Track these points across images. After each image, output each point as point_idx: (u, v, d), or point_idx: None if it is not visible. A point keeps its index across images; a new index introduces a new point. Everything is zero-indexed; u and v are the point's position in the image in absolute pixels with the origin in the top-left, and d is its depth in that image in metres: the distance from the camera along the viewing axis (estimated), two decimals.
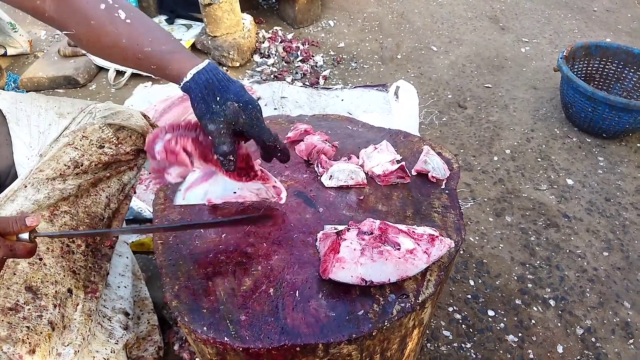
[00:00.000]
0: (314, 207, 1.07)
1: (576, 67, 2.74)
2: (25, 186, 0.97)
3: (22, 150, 1.07)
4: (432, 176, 1.14)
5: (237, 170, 0.92)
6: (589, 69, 2.78)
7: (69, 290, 0.96)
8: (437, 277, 0.93)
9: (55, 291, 0.93)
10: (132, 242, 1.73)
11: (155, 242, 1.00)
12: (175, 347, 1.47)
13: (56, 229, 0.98)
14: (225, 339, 0.81)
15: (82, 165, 1.05)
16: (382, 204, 1.08)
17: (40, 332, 0.87)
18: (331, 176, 1.12)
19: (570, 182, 2.26)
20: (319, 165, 1.16)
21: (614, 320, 1.67)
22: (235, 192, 1.04)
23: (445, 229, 1.03)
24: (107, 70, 2.96)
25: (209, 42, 3.08)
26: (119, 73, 2.94)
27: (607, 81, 2.78)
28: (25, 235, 0.81)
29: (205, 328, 0.82)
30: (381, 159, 1.15)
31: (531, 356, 1.55)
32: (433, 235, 0.91)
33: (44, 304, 0.90)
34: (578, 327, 1.64)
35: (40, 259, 0.94)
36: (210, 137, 0.87)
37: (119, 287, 1.26)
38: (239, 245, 0.98)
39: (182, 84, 0.86)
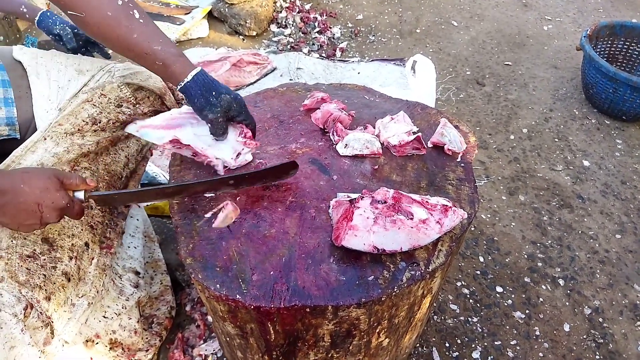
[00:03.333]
0: (328, 174, 1.07)
1: (599, 47, 2.67)
2: (45, 139, 0.99)
3: (41, 103, 1.09)
4: (448, 149, 1.14)
5: None
6: (613, 49, 2.71)
7: (86, 244, 0.99)
8: (449, 248, 0.93)
9: (72, 244, 0.95)
10: (147, 205, 1.76)
11: (171, 202, 1.01)
12: (187, 308, 1.50)
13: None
14: (238, 296, 0.82)
15: (99, 122, 1.07)
16: (396, 174, 1.08)
17: (54, 282, 0.90)
18: (346, 145, 1.12)
19: (586, 163, 2.24)
20: (335, 134, 1.16)
21: (623, 301, 1.67)
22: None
23: (459, 201, 1.03)
24: None
25: (226, 9, 3.05)
26: None
27: (631, 62, 2.71)
28: (80, 195, 0.85)
29: (218, 285, 0.84)
30: (397, 130, 1.14)
31: (537, 333, 1.56)
32: (446, 205, 0.91)
33: (59, 255, 0.93)
34: (586, 307, 1.65)
35: None
36: (209, 125, 1.03)
37: (129, 247, 1.28)
38: (253, 208, 0.99)
39: (183, 82, 0.99)
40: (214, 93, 1.01)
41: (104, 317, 1.09)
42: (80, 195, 0.84)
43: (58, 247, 0.93)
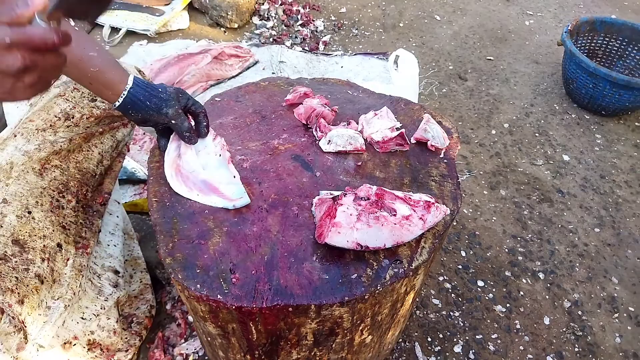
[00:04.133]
0: (311, 171, 1.06)
1: (580, 42, 2.70)
2: (15, 135, 0.96)
3: None
4: (432, 145, 1.13)
5: None
6: (593, 44, 2.74)
7: (59, 245, 0.96)
8: (431, 245, 0.93)
9: (44, 245, 0.92)
10: (126, 202, 1.72)
11: (150, 200, 0.99)
12: (168, 307, 1.48)
13: (45, 183, 0.97)
14: (218, 296, 0.81)
15: (72, 118, 1.03)
16: (379, 171, 1.08)
17: (27, 285, 0.87)
18: (329, 141, 1.11)
19: (566, 158, 2.26)
20: (318, 129, 1.14)
21: (601, 294, 1.70)
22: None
23: (442, 197, 1.03)
24: (102, 26, 2.89)
25: (207, 1, 3.00)
26: (114, 30, 2.87)
27: (610, 58, 2.75)
28: (37, 21, 0.63)
29: (198, 285, 0.82)
30: (381, 126, 1.13)
31: (518, 326, 1.58)
32: (429, 202, 0.91)
33: (31, 257, 0.90)
34: (565, 300, 1.67)
35: (29, 212, 0.93)
36: (172, 121, 0.99)
37: (108, 245, 1.25)
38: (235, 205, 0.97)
39: (127, 89, 0.94)
40: (159, 90, 0.98)
41: (82, 318, 1.07)
42: (37, 21, 0.63)
43: (29, 249, 0.90)
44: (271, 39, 2.94)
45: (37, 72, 0.60)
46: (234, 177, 0.98)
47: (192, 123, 1.04)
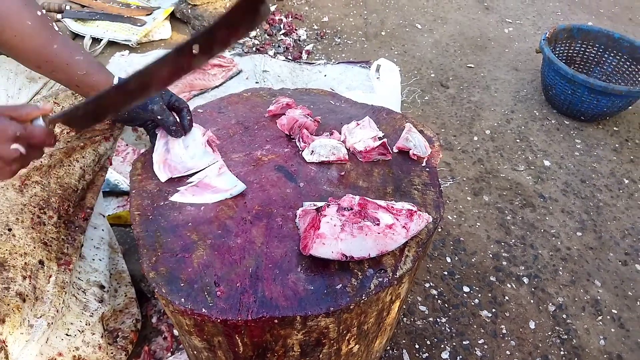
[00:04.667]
0: (294, 181, 1.06)
1: (558, 49, 2.75)
2: None
3: None
4: (414, 154, 1.14)
5: None
6: (571, 51, 2.80)
7: (40, 262, 0.94)
8: (415, 253, 0.93)
9: (25, 262, 0.91)
10: (109, 215, 1.71)
11: (132, 213, 0.98)
12: (154, 320, 1.46)
13: (26, 200, 0.96)
14: (203, 310, 0.80)
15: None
16: (362, 180, 1.08)
17: (8, 304, 0.86)
18: (312, 151, 1.11)
19: (547, 163, 2.30)
20: (301, 140, 1.15)
21: (585, 297, 1.72)
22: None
23: (424, 206, 1.04)
24: (83, 37, 2.87)
25: (189, 11, 3.00)
26: (95, 41, 2.85)
27: (588, 64, 2.81)
28: (39, 122, 0.77)
29: (182, 299, 0.82)
30: (363, 135, 1.14)
31: (504, 331, 1.59)
32: (411, 210, 0.91)
33: (12, 275, 0.88)
34: (550, 304, 1.69)
35: (10, 230, 0.92)
36: (158, 117, 1.04)
37: (93, 259, 1.24)
38: (218, 218, 0.97)
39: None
40: None
41: (67, 334, 1.05)
42: (39, 122, 0.77)
43: (10, 267, 0.88)
44: (254, 48, 2.95)
45: (24, 160, 0.75)
46: (220, 168, 1.05)
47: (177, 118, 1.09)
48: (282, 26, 3.16)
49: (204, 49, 0.73)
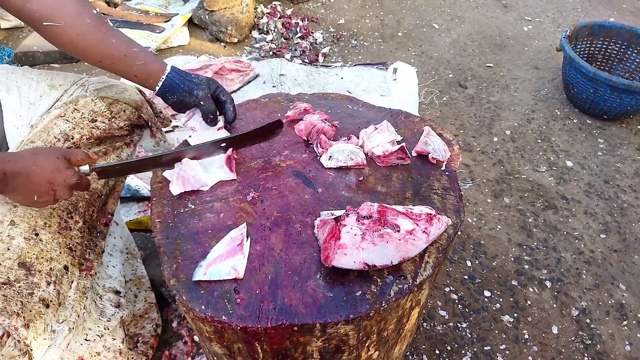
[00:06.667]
0: (312, 187, 1.06)
1: (579, 47, 2.70)
2: None
3: (11, 119, 1.06)
4: (433, 157, 1.13)
5: None
6: (592, 49, 2.75)
7: (65, 267, 0.96)
8: (435, 259, 0.92)
9: (50, 268, 0.93)
10: (130, 220, 1.73)
11: (153, 220, 0.99)
12: (174, 324, 1.48)
13: (55, 205, 0.98)
14: (223, 317, 0.81)
15: (72, 139, 1.04)
16: (381, 185, 1.08)
17: (30, 310, 0.87)
18: (330, 156, 1.11)
19: (569, 163, 2.26)
20: (319, 145, 1.15)
21: (609, 302, 1.68)
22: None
23: (444, 210, 1.03)
24: None
25: (206, 16, 3.03)
26: None
27: (610, 62, 2.75)
28: (85, 168, 0.92)
29: (203, 307, 0.82)
30: (381, 140, 1.13)
31: (526, 336, 1.56)
32: (430, 214, 0.90)
33: (37, 280, 0.90)
34: (573, 308, 1.66)
35: (37, 234, 0.94)
36: (201, 103, 1.12)
37: (107, 266, 1.25)
38: (237, 224, 0.97)
39: (165, 75, 1.10)
40: (193, 76, 1.13)
41: (86, 339, 1.06)
42: (85, 169, 0.91)
43: (36, 272, 0.90)
44: (271, 53, 2.96)
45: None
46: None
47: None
48: (298, 29, 3.17)
49: (229, 146, 1.09)
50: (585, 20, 2.67)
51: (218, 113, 1.17)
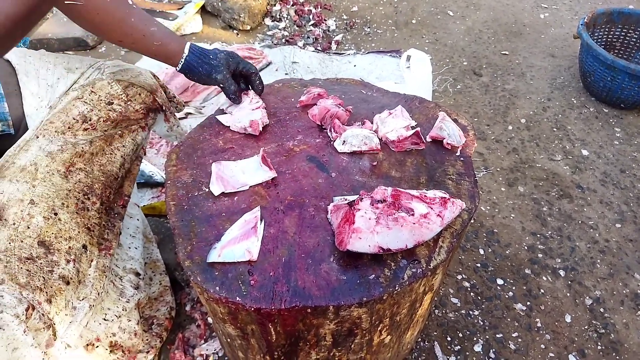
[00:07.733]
0: (326, 172, 1.06)
1: (596, 34, 2.65)
2: (37, 137, 0.98)
3: (30, 101, 1.07)
4: (448, 143, 1.12)
5: None
6: (610, 36, 2.69)
7: (84, 246, 0.97)
8: (449, 244, 0.92)
9: (69, 247, 0.94)
10: (144, 205, 1.75)
11: (168, 203, 1.00)
12: (187, 308, 1.49)
13: (70, 186, 0.99)
14: (237, 298, 0.81)
15: (90, 120, 1.05)
16: (395, 170, 1.07)
17: (51, 286, 0.89)
18: (344, 141, 1.11)
19: (585, 152, 2.23)
20: (332, 130, 1.14)
21: (624, 291, 1.67)
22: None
23: (459, 196, 1.02)
24: None
25: (219, 4, 3.02)
26: None
27: (629, 50, 2.70)
28: None
29: (217, 288, 0.83)
30: (396, 125, 1.13)
31: (539, 325, 1.56)
32: (444, 198, 0.90)
33: (56, 259, 0.91)
34: (587, 297, 1.65)
35: (56, 214, 0.95)
36: (220, 85, 1.15)
37: (129, 247, 1.27)
38: (251, 208, 0.97)
39: (184, 57, 1.11)
40: (211, 56, 1.13)
41: (104, 319, 1.08)
42: None
43: (55, 251, 0.91)
44: (283, 40, 2.95)
45: None
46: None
47: (241, 86, 1.23)
48: (311, 17, 3.15)
49: None
50: (604, 7, 2.61)
51: (246, 86, 1.22)
